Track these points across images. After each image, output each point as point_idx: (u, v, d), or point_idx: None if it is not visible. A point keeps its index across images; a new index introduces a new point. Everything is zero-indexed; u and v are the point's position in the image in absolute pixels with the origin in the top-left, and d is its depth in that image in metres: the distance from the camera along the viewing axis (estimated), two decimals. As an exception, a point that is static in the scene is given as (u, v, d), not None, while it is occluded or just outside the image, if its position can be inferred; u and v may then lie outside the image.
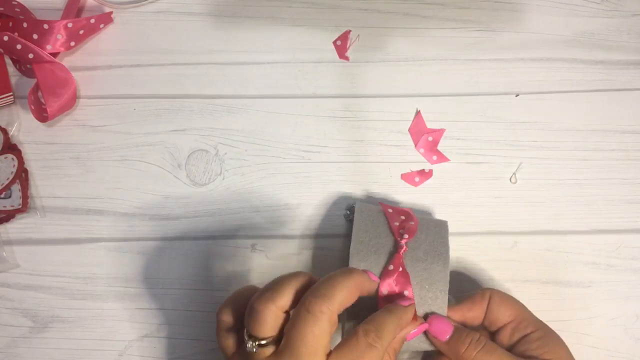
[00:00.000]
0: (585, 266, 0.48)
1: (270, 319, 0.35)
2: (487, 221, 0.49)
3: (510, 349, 0.40)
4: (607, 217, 0.49)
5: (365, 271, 0.40)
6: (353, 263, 0.41)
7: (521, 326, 0.40)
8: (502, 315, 0.41)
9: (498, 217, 0.49)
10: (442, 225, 0.44)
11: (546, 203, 0.49)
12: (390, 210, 0.44)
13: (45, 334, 0.47)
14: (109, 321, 0.48)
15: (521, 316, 0.41)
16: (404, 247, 0.41)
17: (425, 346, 0.41)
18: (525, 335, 0.40)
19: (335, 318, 0.35)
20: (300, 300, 0.35)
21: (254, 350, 0.35)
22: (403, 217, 0.43)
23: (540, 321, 0.41)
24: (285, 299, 0.36)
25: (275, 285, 0.36)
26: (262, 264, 0.48)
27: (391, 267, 0.40)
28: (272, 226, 0.49)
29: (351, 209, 0.48)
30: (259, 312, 0.35)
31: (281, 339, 0.35)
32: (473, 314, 0.41)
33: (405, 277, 0.40)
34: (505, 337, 0.41)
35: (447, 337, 0.40)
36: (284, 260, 0.48)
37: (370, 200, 0.49)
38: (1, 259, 0.48)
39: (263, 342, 0.35)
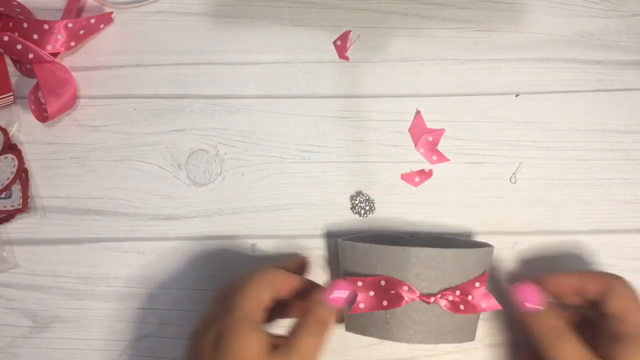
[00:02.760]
0: (586, 266, 0.48)
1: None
2: (487, 221, 0.49)
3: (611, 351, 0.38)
4: (607, 217, 0.49)
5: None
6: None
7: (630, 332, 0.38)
8: (617, 311, 0.38)
9: (498, 217, 0.49)
10: (467, 335, 0.43)
11: (546, 203, 0.49)
12: (477, 285, 0.41)
13: (45, 334, 0.47)
14: (109, 321, 0.48)
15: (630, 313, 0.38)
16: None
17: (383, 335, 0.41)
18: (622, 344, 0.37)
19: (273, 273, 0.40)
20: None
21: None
22: (470, 298, 0.41)
23: None
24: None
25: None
26: (262, 264, 0.48)
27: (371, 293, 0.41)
28: (272, 226, 0.49)
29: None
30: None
31: None
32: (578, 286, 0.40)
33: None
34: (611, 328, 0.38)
35: (534, 306, 0.38)
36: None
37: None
38: (1, 259, 0.48)
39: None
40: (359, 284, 0.40)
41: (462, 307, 0.40)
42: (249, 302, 0.38)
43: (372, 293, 0.40)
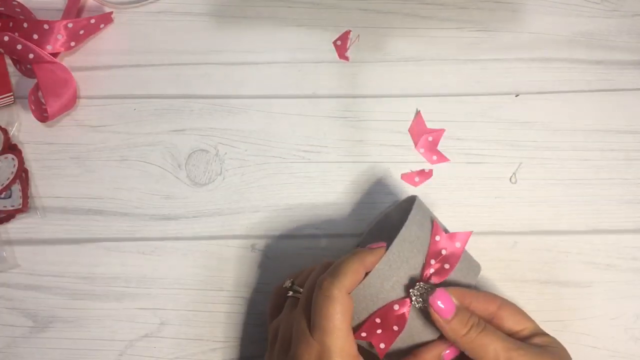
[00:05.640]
0: (585, 266, 0.48)
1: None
2: (487, 221, 0.49)
3: (527, 337, 0.39)
4: (607, 217, 0.49)
5: (368, 248, 0.39)
6: (385, 265, 0.39)
7: (528, 334, 0.39)
8: (513, 323, 0.39)
9: (498, 217, 0.49)
10: (473, 271, 0.41)
11: (546, 203, 0.49)
12: (438, 239, 0.40)
13: (45, 334, 0.47)
14: (109, 321, 0.48)
15: (531, 327, 0.39)
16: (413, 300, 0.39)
17: (429, 335, 0.40)
18: (547, 336, 0.39)
19: (347, 296, 0.37)
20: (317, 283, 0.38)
21: (289, 290, 0.41)
22: (444, 252, 0.40)
23: (549, 335, 0.39)
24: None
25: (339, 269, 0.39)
26: (262, 264, 0.48)
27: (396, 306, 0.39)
28: (272, 226, 0.49)
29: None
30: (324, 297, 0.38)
31: None
32: (480, 306, 0.40)
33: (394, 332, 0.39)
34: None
35: (450, 316, 0.38)
36: (284, 260, 0.48)
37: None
38: (1, 259, 0.48)
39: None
40: (363, 334, 0.39)
41: (446, 266, 0.39)
42: (348, 340, 0.37)
43: (379, 331, 0.39)
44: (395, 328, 0.39)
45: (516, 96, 0.51)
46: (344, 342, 0.37)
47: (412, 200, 0.42)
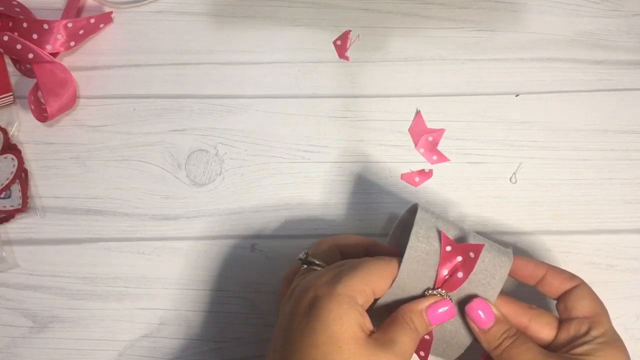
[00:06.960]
0: (585, 266, 0.48)
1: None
2: (487, 221, 0.49)
3: (567, 343, 0.38)
4: (607, 217, 0.49)
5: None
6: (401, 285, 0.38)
7: (593, 326, 0.38)
8: (582, 308, 0.39)
9: (498, 217, 0.49)
10: (500, 267, 0.39)
11: (546, 203, 0.49)
12: (449, 249, 0.38)
13: (45, 334, 0.47)
14: (109, 321, 0.48)
15: (598, 317, 0.38)
16: None
17: (463, 339, 0.40)
18: (591, 336, 0.38)
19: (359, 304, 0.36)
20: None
21: (303, 261, 0.40)
22: (459, 259, 0.38)
23: (614, 331, 0.38)
24: None
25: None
26: (262, 264, 0.48)
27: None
28: (272, 226, 0.49)
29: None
30: None
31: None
32: (550, 283, 0.40)
33: (426, 342, 0.39)
34: (571, 329, 0.39)
35: (488, 326, 0.38)
36: (284, 260, 0.48)
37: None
38: (1, 259, 0.48)
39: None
40: (426, 337, 0.39)
41: (460, 274, 0.38)
42: (360, 283, 0.36)
43: (427, 336, 0.39)
44: (427, 337, 0.39)
45: (516, 96, 0.51)
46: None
47: (415, 209, 0.41)
